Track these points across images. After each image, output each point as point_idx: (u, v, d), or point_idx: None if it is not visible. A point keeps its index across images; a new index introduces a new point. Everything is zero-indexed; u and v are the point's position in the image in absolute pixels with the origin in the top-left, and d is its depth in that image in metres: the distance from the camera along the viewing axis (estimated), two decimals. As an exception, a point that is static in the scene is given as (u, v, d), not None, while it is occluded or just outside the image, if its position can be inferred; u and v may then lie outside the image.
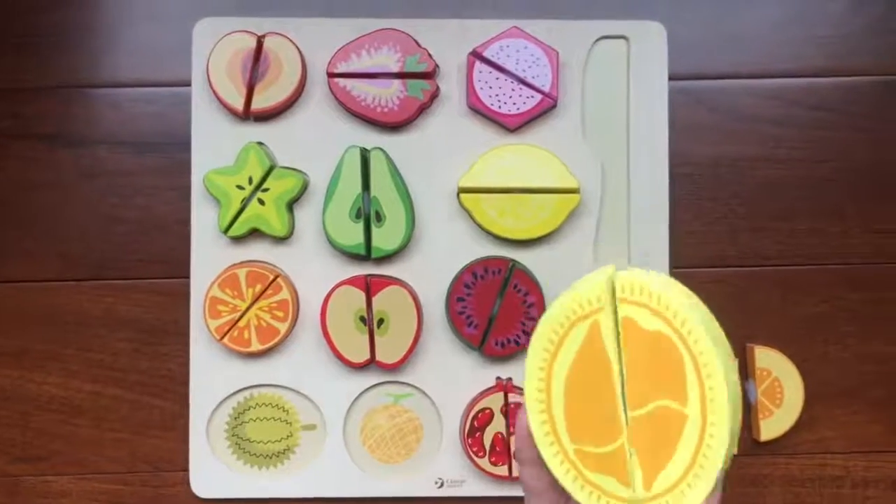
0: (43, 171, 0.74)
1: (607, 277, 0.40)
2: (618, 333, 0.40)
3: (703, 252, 0.74)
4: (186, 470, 0.73)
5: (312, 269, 0.71)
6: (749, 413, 0.74)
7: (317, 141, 0.71)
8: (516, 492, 0.72)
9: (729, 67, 0.75)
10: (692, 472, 0.39)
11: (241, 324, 0.70)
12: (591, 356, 0.41)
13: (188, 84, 0.72)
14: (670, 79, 0.73)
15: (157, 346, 0.74)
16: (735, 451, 0.41)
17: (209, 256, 0.71)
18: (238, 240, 0.71)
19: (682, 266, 0.74)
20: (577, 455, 0.42)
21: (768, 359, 0.73)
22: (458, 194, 0.71)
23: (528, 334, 0.70)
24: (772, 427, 0.73)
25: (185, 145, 0.72)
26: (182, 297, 0.72)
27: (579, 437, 0.42)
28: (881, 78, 0.75)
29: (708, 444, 0.39)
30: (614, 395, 0.41)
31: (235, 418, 0.72)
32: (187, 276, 0.72)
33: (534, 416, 0.43)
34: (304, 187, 0.71)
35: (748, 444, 0.74)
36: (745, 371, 0.74)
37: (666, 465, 0.40)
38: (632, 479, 0.40)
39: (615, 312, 0.40)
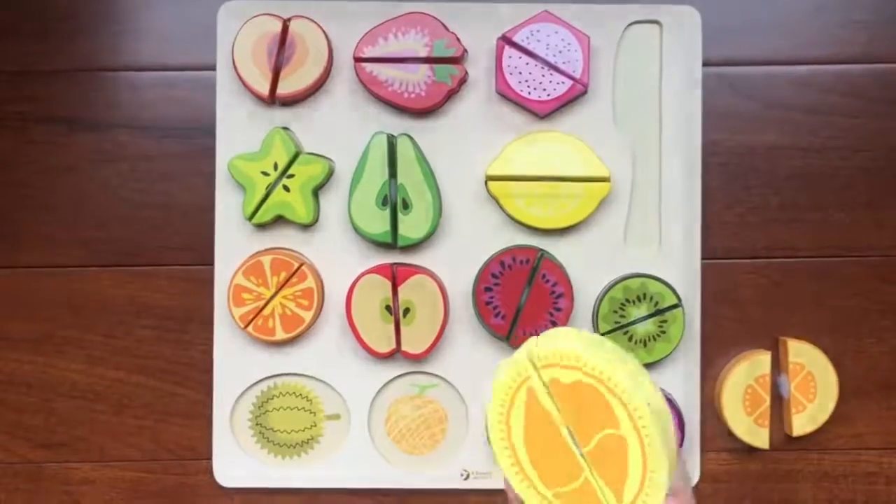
0: (63, 156, 0.73)
1: (527, 353, 0.49)
2: (548, 392, 0.49)
3: (735, 243, 0.73)
4: (209, 458, 0.73)
5: (338, 257, 0.71)
6: (782, 407, 0.73)
7: (343, 127, 0.71)
8: (543, 485, 0.72)
9: (763, 53, 0.73)
10: (646, 482, 0.48)
11: (266, 312, 0.69)
12: (536, 414, 0.50)
13: (212, 68, 0.71)
14: (706, 64, 0.72)
15: (180, 333, 0.74)
16: (679, 447, 0.50)
17: (233, 243, 0.71)
18: (263, 227, 0.71)
19: (714, 257, 0.73)
20: (557, 498, 0.50)
21: (802, 352, 0.72)
22: (486, 182, 0.70)
23: (555, 325, 0.69)
24: (805, 422, 0.72)
25: (208, 130, 0.72)
26: (206, 285, 0.72)
27: (551, 482, 0.50)
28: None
29: (649, 454, 0.47)
30: (565, 440, 0.49)
31: (259, 407, 0.72)
32: (211, 264, 0.72)
33: (510, 473, 0.51)
34: (330, 174, 0.70)
35: (781, 439, 0.73)
36: (779, 365, 0.73)
37: (626, 482, 0.48)
38: (606, 501, 0.49)
39: (540, 377, 0.49)
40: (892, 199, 0.74)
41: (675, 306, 0.69)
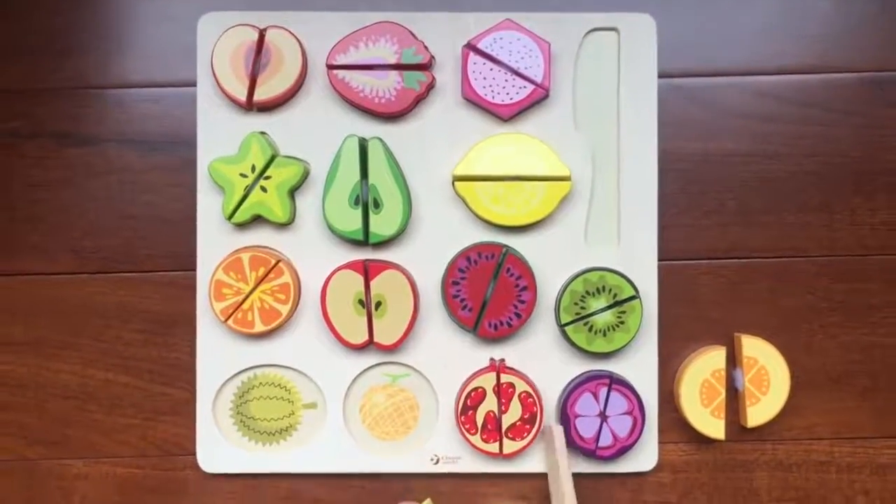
0: (54, 169, 0.76)
1: None
2: None
3: (692, 244, 0.76)
4: (195, 454, 0.75)
5: (313, 254, 0.74)
6: (737, 400, 0.76)
7: (317, 131, 0.74)
8: (507, 468, 0.75)
9: (719, 65, 0.76)
10: None
11: (245, 306, 0.72)
12: None
13: (193, 84, 0.74)
14: (662, 76, 0.74)
15: (166, 336, 0.76)
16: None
17: (214, 242, 0.74)
18: (242, 226, 0.74)
19: (672, 258, 0.76)
20: None
21: (755, 348, 0.74)
22: (452, 182, 0.73)
23: (520, 317, 0.72)
24: (758, 413, 0.74)
25: (190, 144, 0.74)
26: (189, 289, 0.75)
27: None
28: (867, 74, 0.76)
29: None
30: None
31: (240, 397, 0.75)
32: (194, 269, 0.74)
33: None
34: (305, 175, 0.73)
35: (736, 430, 0.76)
36: (734, 360, 0.76)
37: None
38: None
39: None
40: (842, 203, 0.76)
41: (632, 298, 0.72)
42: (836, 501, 0.76)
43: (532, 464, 0.75)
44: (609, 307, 0.72)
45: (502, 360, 0.74)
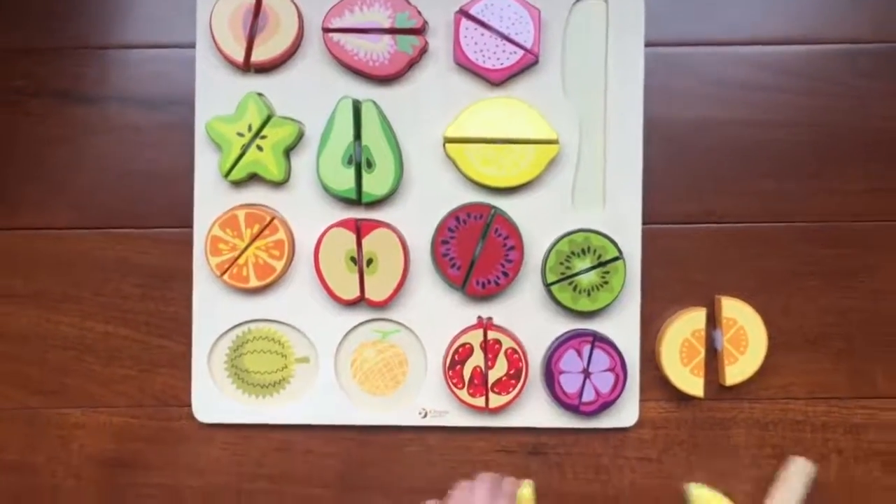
0: (56, 127, 0.78)
1: None
2: None
3: (675, 209, 0.78)
4: (190, 405, 0.78)
5: (307, 212, 0.76)
6: (716, 360, 0.78)
7: (312, 92, 0.76)
8: (493, 422, 0.77)
9: (703, 35, 0.78)
10: None
11: (241, 261, 0.75)
12: None
13: (192, 45, 0.76)
14: (648, 45, 0.77)
15: (163, 290, 0.78)
16: None
17: (211, 199, 0.76)
18: (238, 184, 0.76)
19: (656, 222, 0.78)
20: None
21: (734, 309, 0.77)
22: (443, 144, 0.75)
23: (507, 276, 0.74)
24: (736, 372, 0.77)
25: (189, 104, 0.77)
26: (187, 246, 0.77)
27: None
28: (843, 46, 0.78)
29: None
30: None
31: (235, 350, 0.77)
32: (191, 226, 0.77)
33: None
34: (300, 135, 0.75)
35: (715, 388, 0.78)
36: (713, 321, 0.78)
37: None
38: None
39: None
40: (821, 170, 0.78)
41: (616, 258, 0.74)
42: (811, 459, 0.78)
43: (517, 418, 0.77)
44: (593, 267, 0.74)
45: (490, 319, 0.76)
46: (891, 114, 0.78)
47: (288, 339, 0.77)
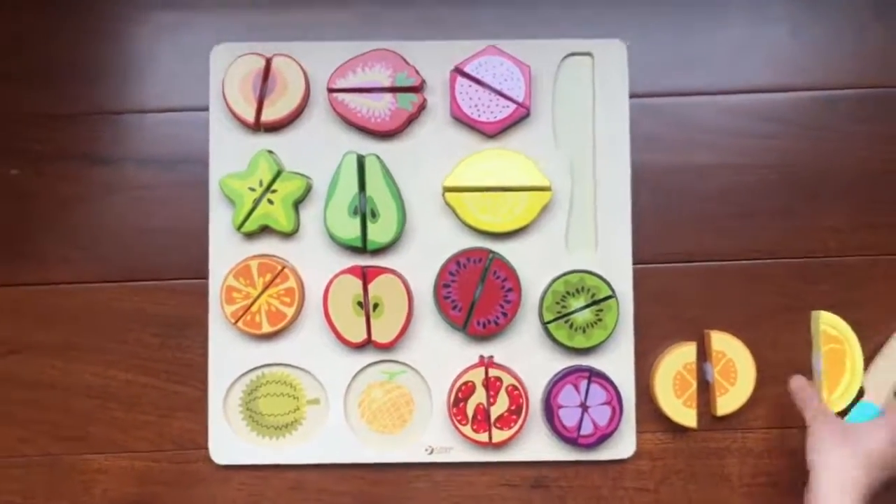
0: (77, 187, 0.82)
1: None
2: None
3: (664, 249, 0.82)
4: (207, 448, 0.81)
5: (316, 261, 0.80)
6: (707, 391, 0.81)
7: (319, 148, 0.80)
8: (496, 457, 0.80)
9: (685, 85, 0.82)
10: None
11: (254, 309, 0.78)
12: None
13: (206, 108, 0.81)
14: (633, 96, 0.81)
15: (180, 338, 0.82)
16: None
17: (225, 251, 0.80)
18: (250, 236, 0.80)
19: (646, 261, 0.81)
20: None
21: (723, 342, 0.80)
22: (443, 193, 0.79)
23: (506, 315, 0.78)
24: (727, 403, 0.80)
25: (203, 162, 0.81)
26: (202, 296, 0.81)
27: None
28: (822, 93, 0.82)
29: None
30: None
31: (249, 394, 0.81)
32: (206, 278, 0.80)
33: None
34: (308, 189, 0.80)
35: (708, 419, 0.81)
36: (704, 354, 0.81)
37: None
38: None
39: None
40: (803, 208, 0.82)
41: (609, 297, 0.78)
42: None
43: (519, 452, 0.80)
44: (588, 306, 0.78)
45: (490, 357, 0.80)
46: (871, 154, 0.82)
47: (300, 381, 0.81)
